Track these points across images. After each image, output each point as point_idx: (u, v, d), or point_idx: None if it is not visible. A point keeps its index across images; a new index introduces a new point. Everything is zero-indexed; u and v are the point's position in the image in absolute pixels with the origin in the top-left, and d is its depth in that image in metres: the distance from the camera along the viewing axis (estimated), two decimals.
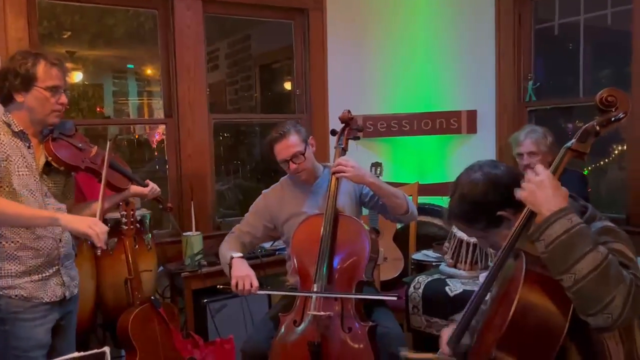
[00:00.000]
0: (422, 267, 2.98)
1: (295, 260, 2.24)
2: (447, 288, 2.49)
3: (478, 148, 3.67)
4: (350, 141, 2.34)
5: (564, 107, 3.49)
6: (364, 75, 3.86)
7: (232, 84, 5.79)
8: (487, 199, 1.42)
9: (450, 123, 3.76)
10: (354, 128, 2.35)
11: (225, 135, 5.41)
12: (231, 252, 2.26)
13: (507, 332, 1.22)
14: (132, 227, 2.45)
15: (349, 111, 2.34)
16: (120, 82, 5.88)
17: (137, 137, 5.49)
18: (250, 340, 2.28)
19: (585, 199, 2.75)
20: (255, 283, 2.14)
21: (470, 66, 3.72)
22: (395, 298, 2.15)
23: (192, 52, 3.34)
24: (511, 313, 1.21)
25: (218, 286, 2.26)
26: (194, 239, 3.05)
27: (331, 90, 3.80)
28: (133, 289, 2.43)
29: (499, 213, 1.42)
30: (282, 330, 2.15)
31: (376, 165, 3.53)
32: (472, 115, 3.72)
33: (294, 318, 2.15)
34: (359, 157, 2.35)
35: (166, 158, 3.44)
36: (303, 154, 2.31)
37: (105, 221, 2.66)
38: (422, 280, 2.62)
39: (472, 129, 3.72)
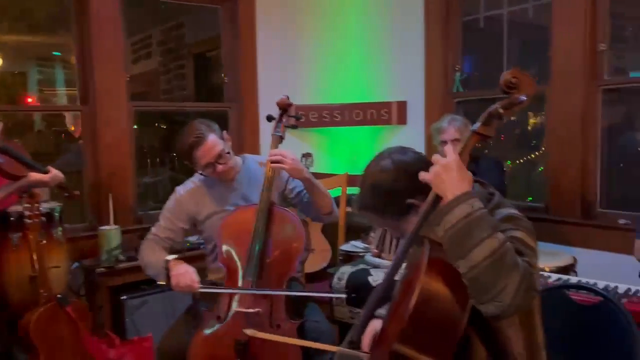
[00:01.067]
0: (350, 257, 2.95)
1: (222, 252, 2.12)
2: (369, 278, 2.48)
3: (408, 139, 3.68)
4: (287, 129, 2.21)
5: (490, 99, 3.55)
6: (295, 64, 3.80)
7: (166, 73, 5.59)
8: (397, 187, 1.38)
9: (381, 114, 3.76)
10: (292, 115, 2.21)
11: (161, 126, 5.21)
12: (164, 257, 2.11)
13: (410, 323, 1.17)
14: (36, 220, 2.29)
15: (287, 97, 2.19)
16: (47, 70, 5.55)
17: (72, 128, 5.20)
18: (167, 337, 2.16)
19: (501, 185, 2.81)
20: (196, 278, 2.02)
21: (400, 57, 3.73)
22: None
23: (110, 35, 3.16)
24: (413, 303, 1.16)
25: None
26: (111, 233, 2.90)
27: (262, 79, 3.70)
28: (38, 286, 2.28)
29: (408, 201, 1.38)
30: (205, 327, 2.05)
31: (307, 155, 3.49)
32: (402, 106, 3.73)
33: (218, 314, 2.05)
34: (290, 147, 2.23)
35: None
36: (228, 153, 2.20)
37: (7, 214, 2.52)
38: (345, 271, 2.59)
39: (402, 119, 3.73)
